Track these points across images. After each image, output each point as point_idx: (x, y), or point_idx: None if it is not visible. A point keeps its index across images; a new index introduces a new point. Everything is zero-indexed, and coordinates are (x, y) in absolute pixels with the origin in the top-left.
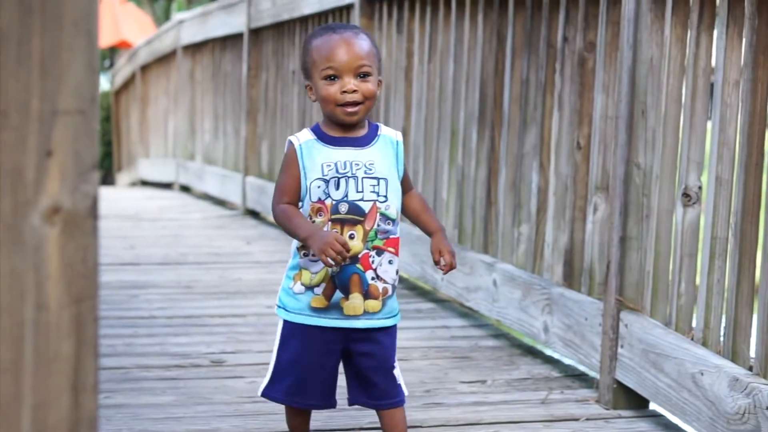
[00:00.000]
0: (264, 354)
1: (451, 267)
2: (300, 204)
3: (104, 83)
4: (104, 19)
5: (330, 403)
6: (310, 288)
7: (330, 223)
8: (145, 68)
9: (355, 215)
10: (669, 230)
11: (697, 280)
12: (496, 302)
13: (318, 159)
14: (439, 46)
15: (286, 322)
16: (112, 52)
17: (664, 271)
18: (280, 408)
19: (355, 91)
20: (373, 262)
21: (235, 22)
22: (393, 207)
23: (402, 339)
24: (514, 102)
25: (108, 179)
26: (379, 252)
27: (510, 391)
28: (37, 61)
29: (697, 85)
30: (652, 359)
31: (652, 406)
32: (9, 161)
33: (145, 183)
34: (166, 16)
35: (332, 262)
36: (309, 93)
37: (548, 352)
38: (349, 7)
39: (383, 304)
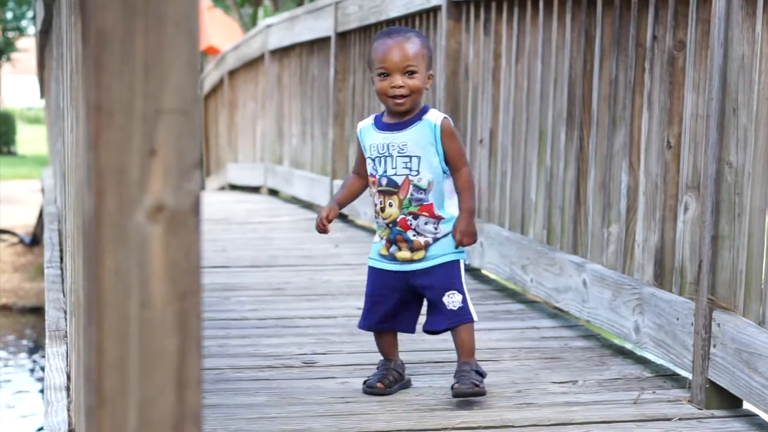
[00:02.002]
0: (355, 355)
1: (460, 244)
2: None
3: None
4: None
5: (407, 326)
6: (381, 240)
7: (377, 193)
8: (232, 73)
9: (391, 187)
10: (762, 229)
11: None
12: (586, 303)
13: (368, 141)
14: (526, 46)
15: (369, 266)
16: (201, 58)
17: (757, 270)
18: (373, 408)
19: (401, 86)
20: (410, 224)
21: (322, 27)
22: (425, 179)
23: (492, 339)
24: (603, 102)
25: None
26: (415, 216)
27: (601, 392)
28: (141, 61)
29: None
30: (746, 358)
31: (746, 405)
32: (114, 160)
33: (233, 187)
34: (253, 21)
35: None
36: (373, 86)
37: (639, 352)
38: (435, 9)
39: (426, 251)
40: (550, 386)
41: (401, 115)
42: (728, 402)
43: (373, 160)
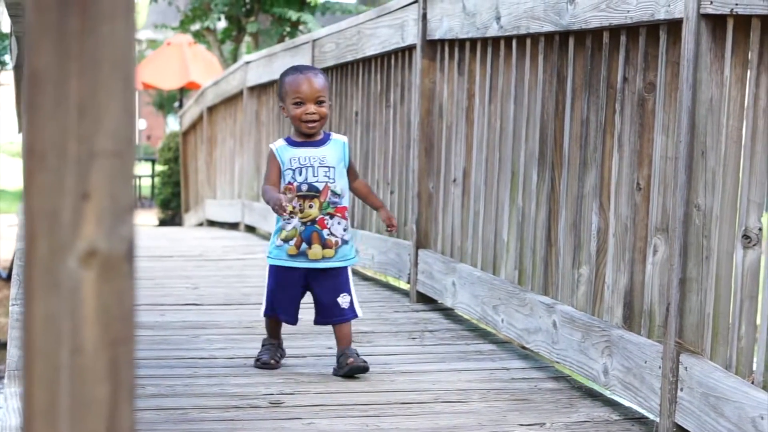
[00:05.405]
0: (322, 395)
1: (393, 228)
2: (280, 186)
3: (174, 124)
4: (173, 61)
5: (293, 320)
6: (286, 241)
7: (297, 197)
8: (212, 109)
9: (313, 192)
10: (729, 272)
11: (758, 323)
12: (555, 344)
13: (287, 156)
14: (499, 86)
15: (270, 265)
16: (182, 93)
17: (724, 314)
18: None
19: (314, 113)
20: (327, 223)
21: (300, 63)
22: (339, 186)
23: (462, 380)
24: (574, 142)
25: (176, 220)
26: (331, 216)
27: None
28: (75, 104)
29: (757, 126)
30: (712, 403)
31: None
32: (46, 203)
33: (212, 223)
34: (234, 58)
35: (279, 211)
36: (283, 111)
37: (608, 394)
38: (411, 48)
39: (336, 252)
40: (518, 429)
41: (310, 136)
42: None
43: (293, 170)
